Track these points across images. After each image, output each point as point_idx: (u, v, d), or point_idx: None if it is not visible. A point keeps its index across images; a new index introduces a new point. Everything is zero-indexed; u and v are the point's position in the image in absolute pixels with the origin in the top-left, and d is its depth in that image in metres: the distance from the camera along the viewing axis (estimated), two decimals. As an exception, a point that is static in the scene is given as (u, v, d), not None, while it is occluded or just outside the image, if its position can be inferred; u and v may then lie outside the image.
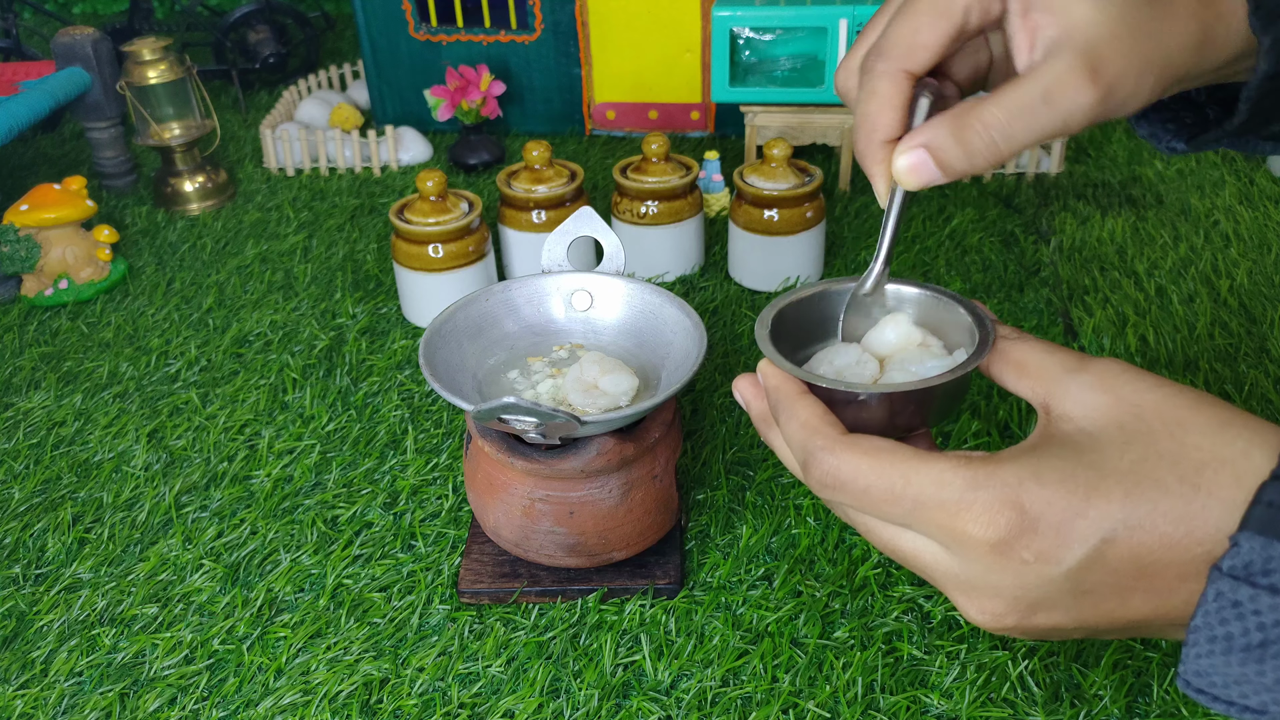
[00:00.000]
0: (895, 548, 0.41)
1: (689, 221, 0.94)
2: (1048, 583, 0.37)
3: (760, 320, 0.49)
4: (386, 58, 1.29)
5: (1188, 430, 0.36)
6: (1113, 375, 0.39)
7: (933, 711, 0.55)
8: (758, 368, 0.47)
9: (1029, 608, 0.38)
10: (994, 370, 0.44)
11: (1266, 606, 0.32)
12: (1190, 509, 0.35)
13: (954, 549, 0.38)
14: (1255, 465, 0.35)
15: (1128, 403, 0.38)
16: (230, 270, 1.02)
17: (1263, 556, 0.33)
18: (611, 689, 0.57)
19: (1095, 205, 1.06)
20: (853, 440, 0.41)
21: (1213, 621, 0.33)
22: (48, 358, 0.90)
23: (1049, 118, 0.41)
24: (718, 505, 0.69)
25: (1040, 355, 0.42)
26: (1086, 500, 0.36)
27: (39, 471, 0.76)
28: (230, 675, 0.59)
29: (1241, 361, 0.81)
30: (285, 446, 0.77)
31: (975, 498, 0.37)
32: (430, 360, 0.59)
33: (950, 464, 0.38)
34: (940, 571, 0.40)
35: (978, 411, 0.76)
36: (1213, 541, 0.35)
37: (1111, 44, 0.41)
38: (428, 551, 0.67)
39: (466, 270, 0.88)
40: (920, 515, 0.39)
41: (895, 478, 0.39)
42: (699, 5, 1.20)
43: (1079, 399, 0.39)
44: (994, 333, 0.45)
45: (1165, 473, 0.36)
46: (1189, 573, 0.35)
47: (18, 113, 1.03)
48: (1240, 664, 0.33)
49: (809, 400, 0.44)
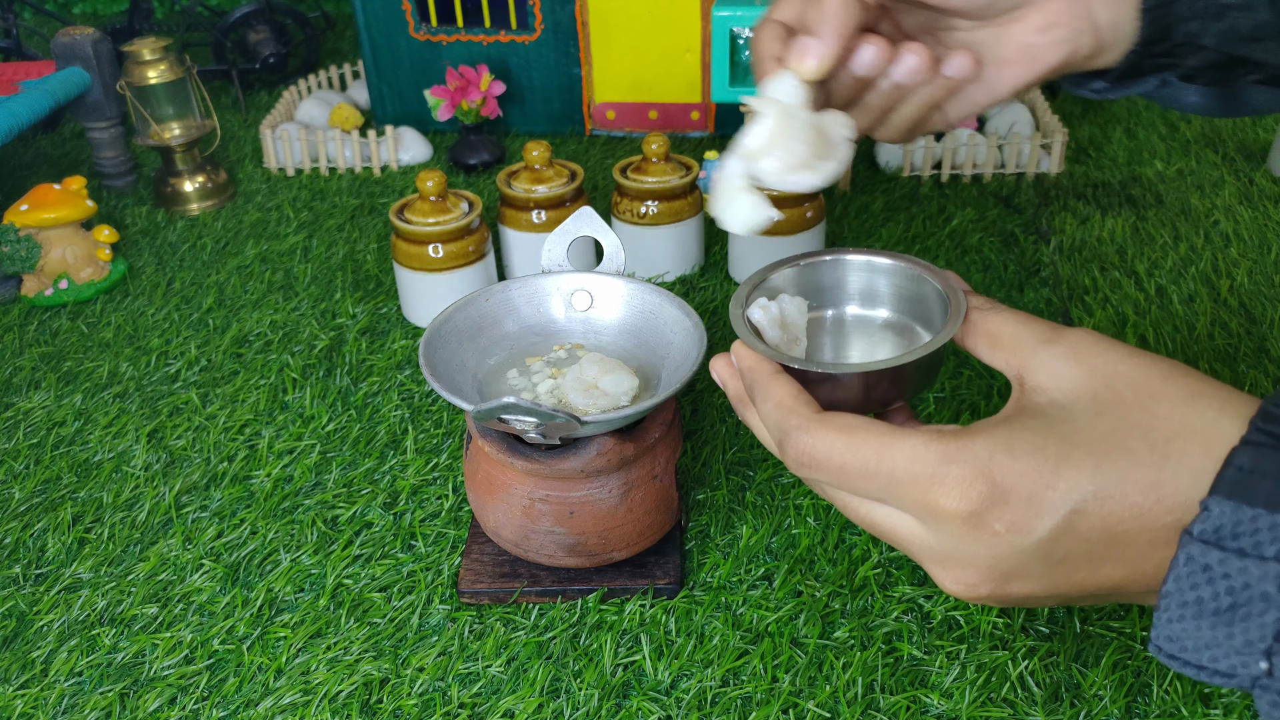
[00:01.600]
0: (872, 522, 0.42)
1: (689, 221, 0.94)
2: (1020, 553, 0.37)
3: (734, 299, 0.49)
4: (386, 58, 1.29)
5: (1159, 400, 0.37)
6: (1086, 346, 0.40)
7: (933, 711, 0.55)
8: (732, 348, 0.47)
9: (1002, 577, 0.38)
10: (967, 342, 0.45)
11: (1236, 570, 0.33)
12: (1160, 478, 0.35)
13: (928, 522, 0.39)
14: (1224, 433, 0.35)
15: (1100, 373, 0.38)
16: (230, 270, 1.02)
17: (1233, 520, 0.33)
18: (611, 689, 0.57)
19: (1095, 205, 1.06)
20: (827, 418, 0.41)
21: (1184, 586, 0.34)
22: (48, 358, 0.90)
23: None
24: (718, 505, 0.69)
25: (1013, 326, 0.42)
26: (1056, 472, 0.36)
27: (39, 471, 0.76)
28: (230, 675, 0.59)
29: (1241, 361, 0.81)
30: (285, 446, 0.77)
31: (948, 471, 0.37)
32: (430, 360, 0.59)
33: (923, 439, 0.39)
34: (916, 544, 0.40)
35: (977, 411, 0.76)
36: (1182, 510, 0.35)
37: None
38: (428, 551, 0.67)
39: (466, 270, 0.88)
40: (895, 490, 0.39)
41: (869, 454, 0.39)
42: (699, 5, 1.20)
43: (1052, 370, 0.40)
44: (966, 304, 0.45)
45: (1136, 443, 0.36)
46: (1159, 540, 0.36)
47: (18, 113, 1.03)
48: (1211, 628, 0.33)
49: (783, 380, 0.44)
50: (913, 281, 0.50)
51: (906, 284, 0.50)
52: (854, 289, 0.52)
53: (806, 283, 0.52)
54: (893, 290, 0.51)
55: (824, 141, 0.47)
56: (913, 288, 0.50)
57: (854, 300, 0.53)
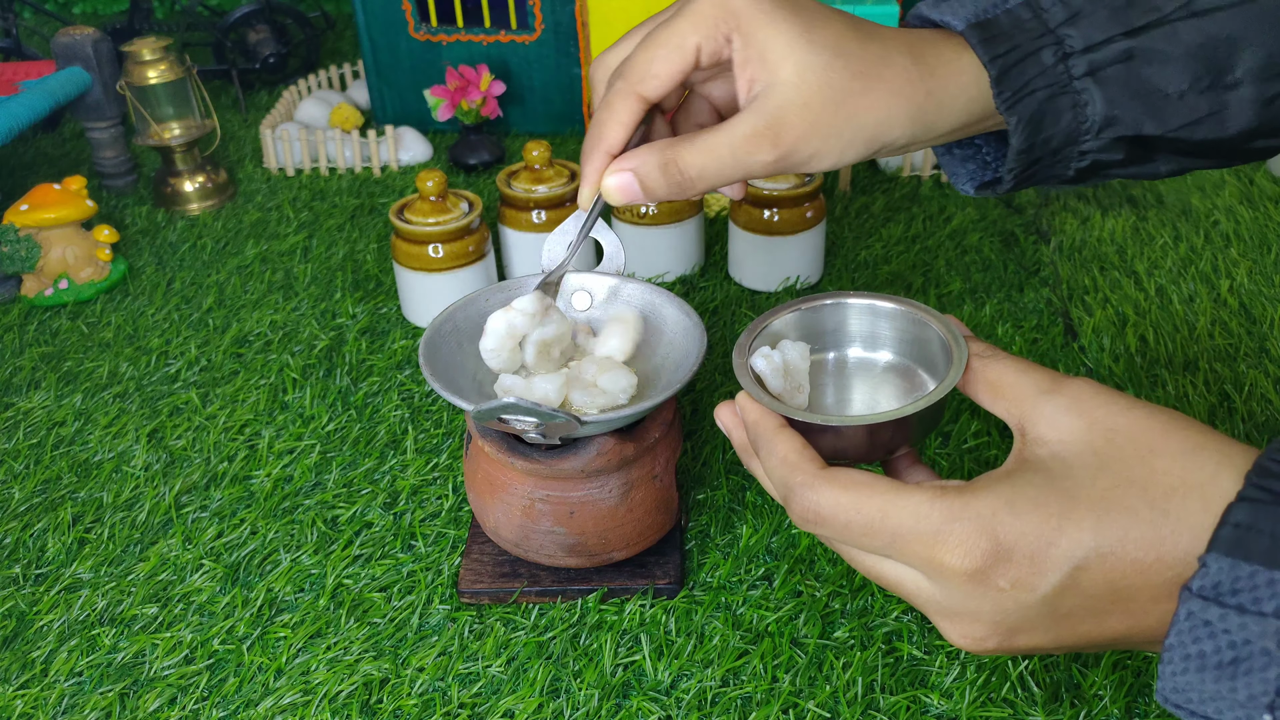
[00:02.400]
0: (878, 574, 0.43)
1: (689, 221, 0.94)
2: (1025, 608, 0.38)
3: (737, 348, 0.50)
4: (386, 58, 1.29)
5: (1158, 455, 0.37)
6: (1086, 397, 0.40)
7: (933, 711, 0.55)
8: (736, 400, 0.48)
9: (1009, 631, 0.39)
10: (969, 390, 0.45)
11: (1236, 625, 0.33)
12: (1160, 534, 0.36)
13: (934, 577, 0.39)
14: (1223, 489, 0.36)
15: (1100, 426, 0.39)
16: (230, 270, 1.02)
17: (1230, 576, 0.33)
18: (611, 689, 0.57)
19: (1095, 205, 1.06)
20: (831, 475, 0.42)
21: (1185, 640, 0.34)
22: (48, 358, 0.90)
23: (733, 167, 0.47)
24: (718, 505, 0.69)
25: (1014, 376, 0.43)
26: (1059, 529, 0.37)
27: (39, 471, 0.76)
28: (230, 675, 0.59)
29: (1241, 361, 0.81)
30: (285, 446, 0.77)
31: (951, 530, 0.38)
32: (430, 360, 0.59)
33: (927, 496, 0.39)
34: (923, 598, 0.41)
35: (977, 412, 0.76)
36: (1182, 565, 0.36)
37: (800, 111, 0.46)
38: (428, 551, 0.67)
39: (466, 270, 0.88)
40: (900, 547, 0.40)
41: (873, 512, 0.40)
42: (699, 5, 1.20)
43: (1053, 422, 0.40)
44: (967, 350, 0.45)
45: (1135, 499, 0.37)
46: (1161, 595, 0.36)
47: (18, 113, 1.03)
48: (1214, 680, 0.34)
49: (787, 434, 0.45)
50: (914, 325, 0.50)
51: (908, 327, 0.51)
52: (856, 332, 0.53)
53: (808, 327, 0.52)
54: (895, 333, 0.52)
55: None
56: (914, 331, 0.50)
57: (856, 343, 0.53)
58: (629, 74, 0.49)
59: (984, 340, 0.46)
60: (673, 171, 0.48)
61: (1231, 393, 0.77)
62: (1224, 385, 0.78)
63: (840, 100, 0.46)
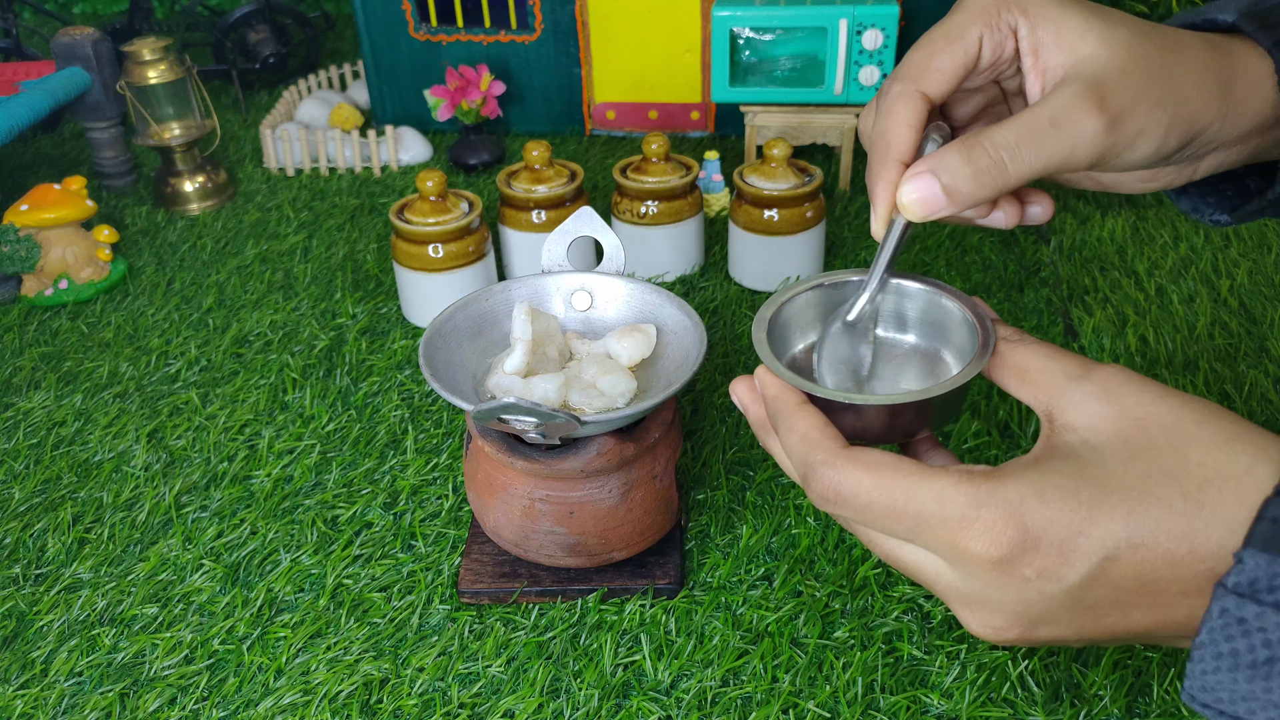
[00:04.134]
0: (897, 559, 0.41)
1: (689, 221, 0.94)
2: (1050, 599, 0.37)
3: (757, 321, 0.48)
4: (386, 58, 1.29)
5: (1191, 446, 0.36)
6: (1117, 384, 0.39)
7: (933, 711, 0.55)
8: (755, 374, 0.46)
9: (1031, 622, 0.38)
10: (995, 375, 0.44)
11: (1273, 624, 0.32)
12: (1193, 526, 0.35)
13: (956, 564, 0.38)
14: (1258, 481, 0.35)
15: (1132, 415, 0.38)
16: (230, 270, 1.02)
17: (1268, 573, 0.32)
18: (611, 689, 0.57)
19: (1095, 205, 1.06)
20: (854, 454, 0.40)
21: (1218, 638, 0.33)
22: (48, 358, 0.90)
23: (1056, 142, 0.41)
24: (718, 505, 0.69)
25: (1042, 360, 0.41)
26: (1089, 518, 0.36)
27: (39, 471, 0.76)
28: (230, 675, 0.59)
29: (1241, 361, 0.81)
30: (285, 446, 0.77)
31: (978, 515, 0.37)
32: (430, 360, 0.59)
33: (953, 480, 0.38)
34: (942, 584, 0.40)
35: (977, 411, 0.76)
36: (1215, 559, 0.34)
37: (1120, 78, 0.41)
38: (428, 551, 0.67)
39: (466, 270, 0.88)
40: (922, 531, 0.39)
41: (897, 494, 0.39)
42: (699, 5, 1.20)
43: (1083, 409, 0.39)
44: (995, 334, 0.44)
45: (1168, 490, 0.35)
46: (1191, 589, 0.35)
47: (18, 113, 1.03)
48: (1247, 680, 0.33)
49: (808, 411, 0.43)
50: (940, 307, 0.48)
51: (933, 309, 0.49)
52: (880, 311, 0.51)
53: (830, 304, 0.50)
54: (919, 314, 0.49)
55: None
56: (939, 313, 0.48)
57: (880, 323, 0.51)
58: (907, 73, 0.45)
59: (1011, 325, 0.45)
60: (979, 155, 0.41)
61: (1231, 392, 0.77)
62: (1224, 385, 0.78)
63: (1155, 69, 0.42)
